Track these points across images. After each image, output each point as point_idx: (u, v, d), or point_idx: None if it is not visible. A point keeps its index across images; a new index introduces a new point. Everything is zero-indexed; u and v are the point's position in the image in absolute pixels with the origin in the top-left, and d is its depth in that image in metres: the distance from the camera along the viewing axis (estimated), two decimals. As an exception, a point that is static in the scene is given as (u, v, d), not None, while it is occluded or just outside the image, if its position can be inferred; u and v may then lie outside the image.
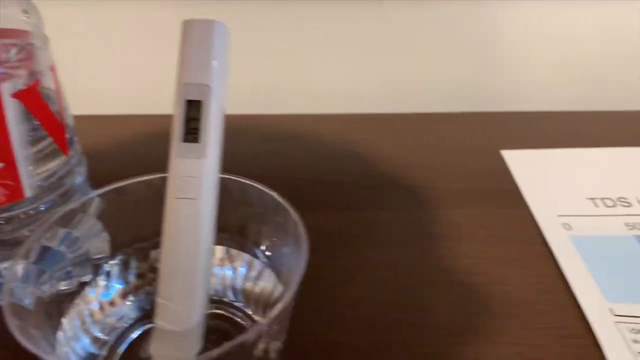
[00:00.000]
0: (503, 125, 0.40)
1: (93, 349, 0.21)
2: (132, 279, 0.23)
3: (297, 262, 0.19)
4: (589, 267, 0.28)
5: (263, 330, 0.18)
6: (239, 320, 0.23)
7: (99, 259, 0.23)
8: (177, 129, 0.20)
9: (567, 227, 0.31)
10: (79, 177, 0.28)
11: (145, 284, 0.23)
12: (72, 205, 0.22)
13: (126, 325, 0.22)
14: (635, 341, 0.24)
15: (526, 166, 0.36)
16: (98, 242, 0.23)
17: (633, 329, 0.25)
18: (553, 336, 0.25)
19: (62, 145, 0.26)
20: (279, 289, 0.22)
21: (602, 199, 0.33)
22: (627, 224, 0.31)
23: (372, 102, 0.46)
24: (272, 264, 0.23)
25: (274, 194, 0.22)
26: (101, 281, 0.23)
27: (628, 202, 0.32)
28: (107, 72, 0.46)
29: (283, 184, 0.23)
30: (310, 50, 0.45)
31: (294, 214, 0.21)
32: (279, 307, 0.17)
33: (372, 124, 0.41)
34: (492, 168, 0.35)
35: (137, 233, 0.23)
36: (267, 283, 0.22)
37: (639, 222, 0.31)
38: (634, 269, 0.28)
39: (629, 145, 0.37)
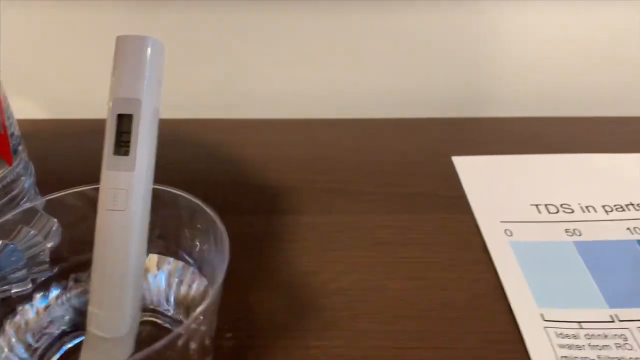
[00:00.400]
0: (457, 131, 0.41)
1: (26, 356, 0.22)
2: (70, 286, 0.24)
3: (220, 264, 0.20)
4: (525, 272, 0.29)
5: (187, 330, 0.18)
6: (170, 327, 0.24)
7: (40, 266, 0.24)
8: (108, 142, 0.21)
9: (508, 233, 0.31)
10: (26, 184, 0.28)
11: (82, 293, 0.24)
12: (9, 215, 0.22)
13: (60, 333, 0.23)
14: (561, 345, 0.25)
15: (474, 172, 0.36)
16: (38, 250, 0.24)
17: (560, 334, 0.26)
18: (485, 341, 0.26)
19: (6, 156, 0.26)
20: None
21: (546, 205, 0.34)
22: (567, 230, 0.32)
23: (325, 107, 0.47)
24: (203, 269, 0.23)
25: (199, 201, 0.23)
26: (39, 290, 0.23)
27: (571, 209, 0.33)
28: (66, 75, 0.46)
29: (211, 188, 0.24)
30: (254, 53, 0.45)
31: (216, 218, 0.22)
32: (201, 306, 0.18)
33: (322, 128, 0.42)
34: (442, 174, 0.36)
35: (76, 242, 0.24)
36: (198, 288, 0.23)
37: (579, 229, 0.32)
38: (567, 275, 0.29)
39: (579, 151, 0.38)
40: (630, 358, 0.24)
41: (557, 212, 0.33)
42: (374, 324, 0.26)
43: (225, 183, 0.36)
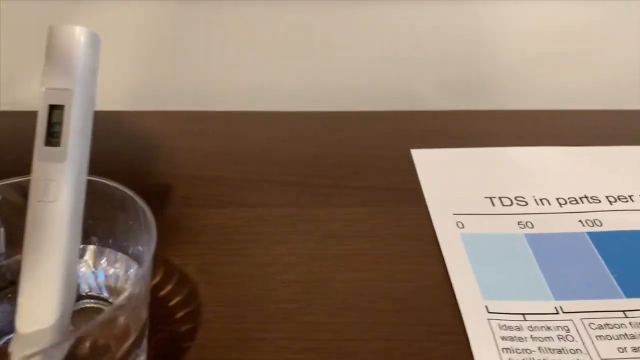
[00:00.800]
0: (417, 124, 0.41)
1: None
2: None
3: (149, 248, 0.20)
4: (473, 264, 0.29)
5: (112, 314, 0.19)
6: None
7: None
8: (39, 133, 0.21)
9: (460, 225, 0.32)
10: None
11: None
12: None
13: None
14: (503, 337, 0.25)
15: (432, 165, 0.36)
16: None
17: (504, 326, 0.26)
18: (429, 332, 0.26)
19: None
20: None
21: (500, 198, 0.34)
22: (519, 223, 0.32)
23: (283, 100, 0.46)
24: (137, 257, 0.23)
25: (130, 192, 0.23)
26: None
27: (525, 201, 0.33)
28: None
29: (162, 181, 0.24)
30: (202, 45, 0.45)
31: (145, 207, 0.22)
32: (127, 289, 0.18)
33: (280, 121, 0.42)
34: (399, 167, 0.36)
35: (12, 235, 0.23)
36: (131, 274, 0.23)
37: (532, 221, 0.32)
38: (515, 267, 0.29)
39: (536, 144, 0.38)
40: (571, 349, 0.25)
41: (510, 205, 0.33)
42: (319, 316, 0.26)
43: (179, 176, 0.35)
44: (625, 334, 0.25)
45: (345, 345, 0.25)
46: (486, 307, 0.27)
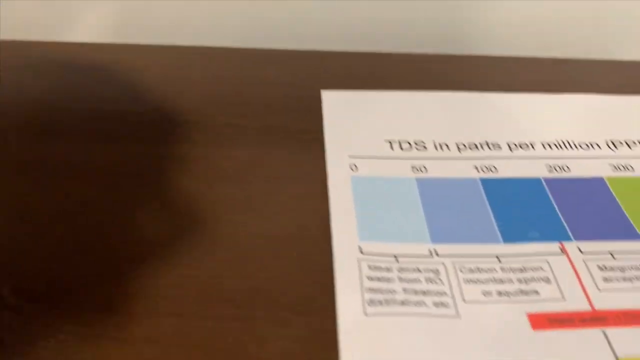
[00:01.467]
0: (333, 65, 0.40)
1: None
2: None
3: None
4: (356, 206, 0.29)
5: None
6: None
7: None
8: None
9: (353, 167, 0.31)
10: None
11: None
12: None
13: None
14: (370, 277, 0.25)
15: (340, 107, 0.35)
16: None
17: (373, 266, 0.26)
18: (297, 272, 0.25)
19: None
20: None
21: (400, 141, 0.33)
22: (413, 167, 0.31)
23: (193, 34, 0.45)
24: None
25: None
26: None
27: (424, 146, 0.33)
28: None
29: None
30: None
31: None
32: None
33: (197, 57, 0.40)
34: (306, 107, 0.35)
35: None
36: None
37: (426, 166, 0.31)
38: (399, 210, 0.29)
39: (447, 89, 0.37)
40: (436, 291, 0.25)
41: (409, 149, 0.33)
42: (192, 253, 0.26)
43: (79, 110, 0.34)
44: (494, 278, 0.25)
45: (217, 283, 0.25)
46: (360, 247, 0.26)
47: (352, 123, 0.34)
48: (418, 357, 0.22)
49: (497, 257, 0.26)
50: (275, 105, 0.35)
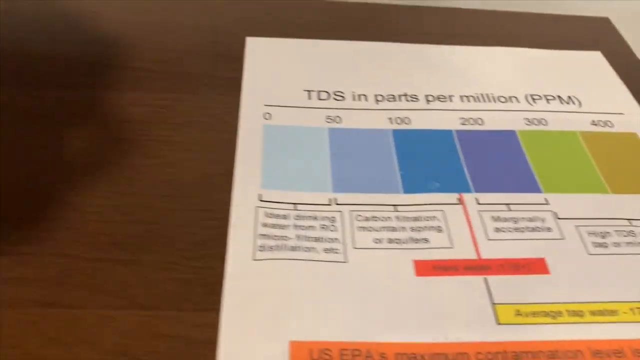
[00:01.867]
0: (260, 11, 0.39)
1: None
2: None
3: None
4: (264, 155, 0.29)
5: None
6: None
7: None
8: None
9: (267, 116, 0.31)
10: None
11: None
12: None
13: None
14: (265, 224, 0.25)
15: (263, 55, 0.35)
16: None
17: (270, 214, 0.26)
18: (193, 218, 0.26)
19: None
20: None
21: (319, 91, 0.33)
22: (328, 117, 0.31)
23: None
24: None
25: None
26: None
27: (342, 96, 0.33)
28: None
29: None
30: None
31: None
32: None
33: (109, 3, 0.39)
34: (229, 54, 0.35)
35: None
36: None
37: (341, 116, 0.31)
38: (307, 159, 0.29)
39: (378, 39, 0.37)
40: (328, 238, 0.25)
41: (327, 99, 0.32)
42: (88, 197, 0.26)
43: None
44: (388, 227, 0.26)
45: (99, 226, 0.25)
46: (260, 195, 0.27)
47: (273, 71, 0.34)
48: (301, 301, 0.23)
49: (394, 207, 0.27)
50: (196, 51, 0.35)
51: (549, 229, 0.26)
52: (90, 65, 0.33)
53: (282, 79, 0.33)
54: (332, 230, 0.26)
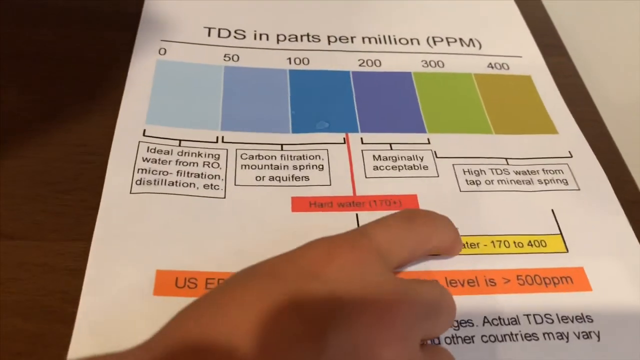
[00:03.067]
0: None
1: None
2: None
3: None
4: (153, 91, 0.28)
5: None
6: None
7: None
8: None
9: (162, 52, 0.30)
10: None
11: None
12: None
13: None
14: (146, 159, 0.25)
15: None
16: None
17: (153, 149, 0.26)
18: (69, 153, 0.26)
19: None
20: None
21: (220, 29, 0.32)
22: (226, 55, 0.31)
23: None
24: None
25: None
26: None
27: (243, 35, 0.32)
28: None
29: None
30: None
31: None
32: None
33: None
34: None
35: None
36: None
37: (240, 54, 0.31)
38: (197, 97, 0.29)
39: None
40: (210, 175, 0.25)
41: (227, 37, 0.32)
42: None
43: None
44: (271, 165, 0.26)
45: None
46: (144, 130, 0.27)
47: (175, 7, 0.33)
48: (173, 233, 0.23)
49: (281, 146, 0.27)
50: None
51: (425, 167, 0.27)
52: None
53: (183, 15, 0.33)
54: (215, 167, 0.26)
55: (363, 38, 0.33)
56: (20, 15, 0.31)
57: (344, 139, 0.28)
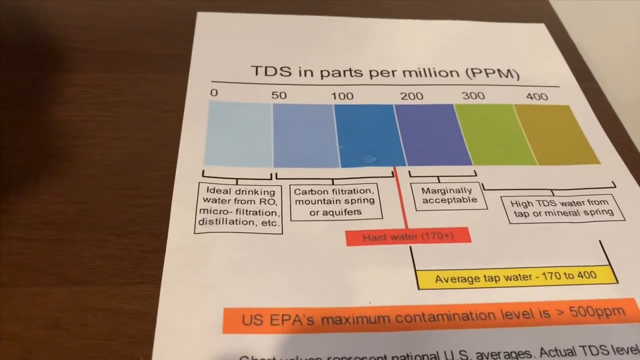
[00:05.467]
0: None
1: None
2: None
3: None
4: (209, 131, 0.30)
5: None
6: None
7: None
8: None
9: (214, 93, 0.32)
10: None
11: None
12: None
13: None
14: (206, 199, 0.27)
15: (214, 30, 0.36)
16: None
17: (212, 189, 0.27)
18: (131, 196, 0.27)
19: None
20: None
21: (266, 67, 0.34)
22: (274, 93, 0.32)
23: None
24: None
25: None
26: None
27: (289, 72, 0.34)
28: None
29: None
30: None
31: None
32: None
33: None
34: (178, 31, 0.35)
35: None
36: None
37: (286, 92, 0.32)
38: (251, 135, 0.30)
39: (326, 13, 0.38)
40: (267, 211, 0.26)
41: (274, 75, 0.33)
42: (19, 179, 0.27)
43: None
44: (324, 200, 0.27)
45: (33, 207, 0.26)
46: (203, 171, 0.28)
47: (222, 47, 0.35)
48: (237, 271, 0.24)
49: (332, 180, 0.28)
50: (142, 29, 0.35)
51: (474, 200, 0.28)
52: (30, 46, 0.34)
53: (230, 55, 0.34)
54: (270, 204, 0.27)
55: (404, 71, 0.34)
56: (68, 60, 0.33)
57: (392, 172, 0.29)
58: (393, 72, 0.34)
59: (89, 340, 0.22)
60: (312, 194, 0.28)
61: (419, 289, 0.24)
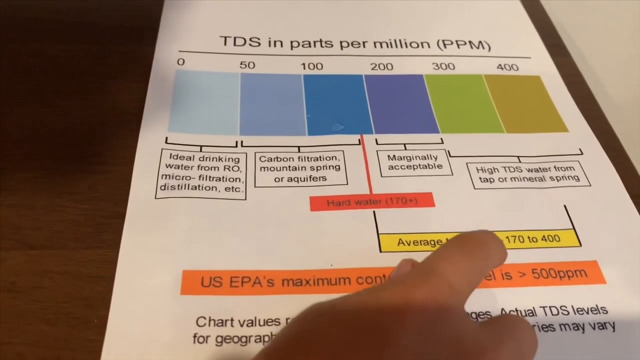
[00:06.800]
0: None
1: None
2: None
3: None
4: (174, 100, 0.29)
5: None
6: None
7: None
8: None
9: (180, 62, 0.31)
10: None
11: None
12: None
13: None
14: (169, 165, 0.26)
15: (184, 1, 0.35)
16: None
17: (175, 155, 0.27)
18: (93, 163, 0.27)
19: None
20: None
21: (235, 37, 0.33)
22: (242, 63, 0.32)
23: None
24: None
25: None
26: None
27: (258, 43, 0.33)
28: None
29: None
30: None
31: None
32: None
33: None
34: (149, 7, 0.35)
35: None
36: None
37: (255, 61, 0.32)
38: (218, 104, 0.30)
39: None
40: (225, 177, 0.26)
41: (243, 45, 0.33)
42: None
43: None
44: (289, 167, 0.27)
45: None
46: (166, 138, 0.28)
47: (191, 18, 0.34)
48: (198, 235, 0.24)
49: (298, 148, 0.28)
50: (114, 7, 0.35)
51: (439, 166, 0.28)
52: None
53: (199, 26, 0.34)
54: (235, 171, 0.27)
55: (375, 43, 0.34)
56: (35, 31, 0.32)
57: (359, 140, 0.29)
58: (364, 43, 0.34)
59: (44, 302, 0.22)
60: (277, 161, 0.28)
61: (380, 251, 0.24)
